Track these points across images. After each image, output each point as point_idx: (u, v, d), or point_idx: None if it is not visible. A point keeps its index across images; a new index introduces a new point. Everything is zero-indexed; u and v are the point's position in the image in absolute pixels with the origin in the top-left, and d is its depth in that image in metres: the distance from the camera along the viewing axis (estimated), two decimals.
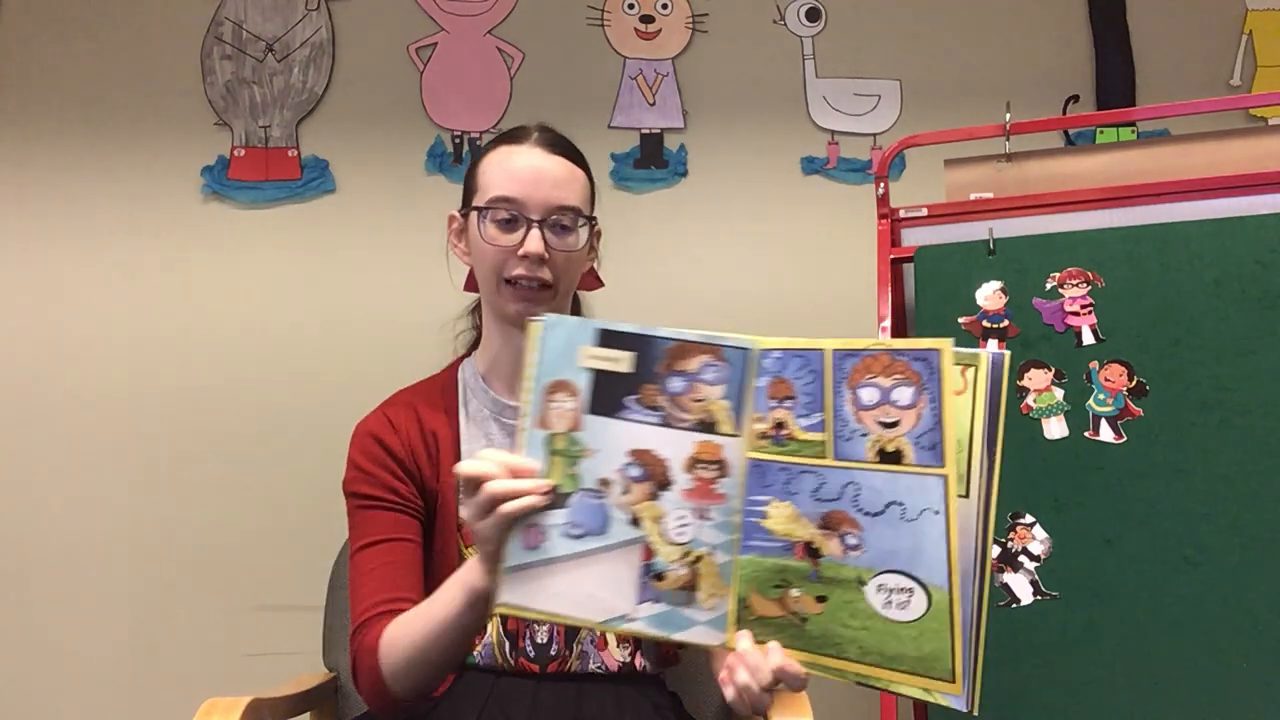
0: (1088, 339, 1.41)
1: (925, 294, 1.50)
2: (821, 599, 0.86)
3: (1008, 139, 1.57)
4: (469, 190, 1.24)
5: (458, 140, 2.00)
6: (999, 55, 2.05)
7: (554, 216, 1.19)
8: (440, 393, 1.28)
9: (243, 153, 1.97)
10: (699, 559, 0.89)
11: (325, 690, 1.45)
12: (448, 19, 2.02)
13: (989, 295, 1.46)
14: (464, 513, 0.92)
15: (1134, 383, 1.38)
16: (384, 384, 1.33)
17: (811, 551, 0.86)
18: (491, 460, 0.91)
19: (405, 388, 1.30)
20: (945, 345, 0.83)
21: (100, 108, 1.97)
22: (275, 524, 1.91)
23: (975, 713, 0.80)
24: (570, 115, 2.00)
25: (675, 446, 0.90)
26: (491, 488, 0.89)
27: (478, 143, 2.00)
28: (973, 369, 0.83)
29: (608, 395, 0.91)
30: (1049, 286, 1.44)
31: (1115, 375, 1.39)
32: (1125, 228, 1.44)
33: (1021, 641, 1.36)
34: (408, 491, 1.20)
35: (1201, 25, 2.05)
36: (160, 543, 1.91)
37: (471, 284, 1.34)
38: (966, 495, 0.82)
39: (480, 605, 0.99)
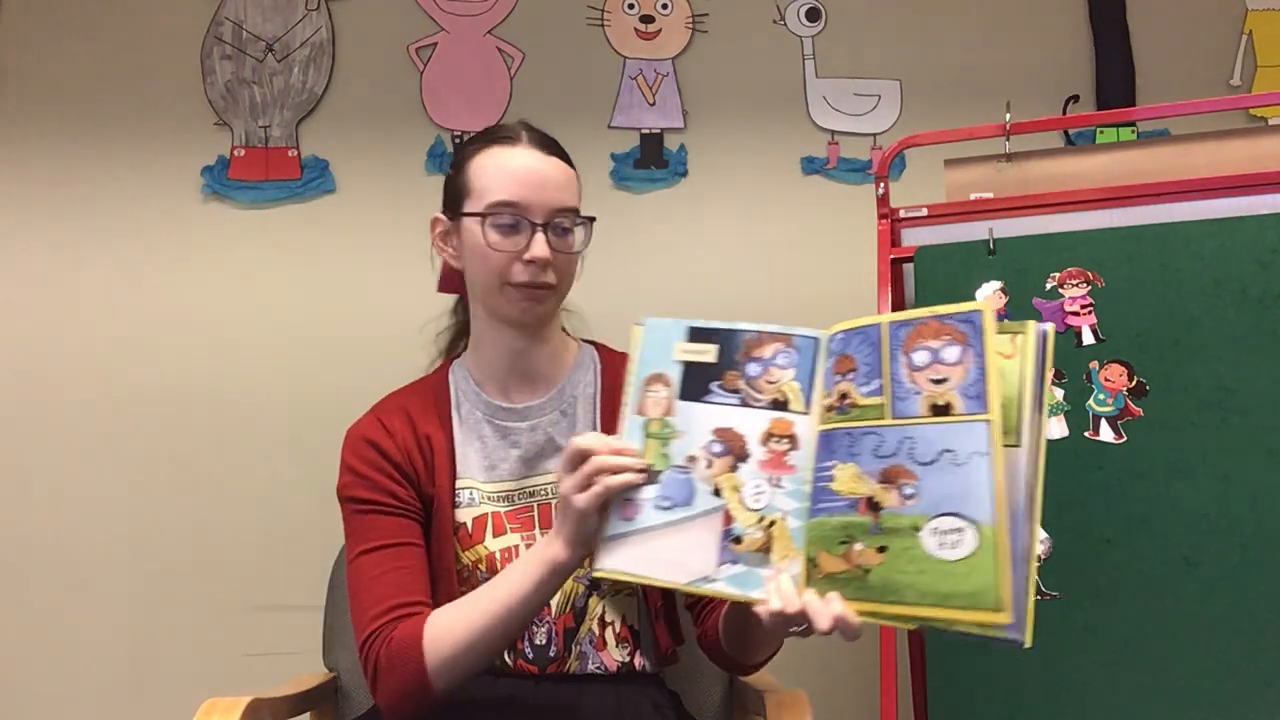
0: (1088, 339, 1.41)
1: (925, 294, 1.50)
2: (882, 549, 0.91)
3: (1008, 139, 1.57)
4: (458, 192, 1.22)
5: (457, 140, 1.99)
6: (999, 55, 2.05)
7: (555, 219, 1.19)
8: (432, 396, 1.27)
9: (243, 153, 1.97)
10: (773, 524, 0.97)
11: (325, 690, 1.45)
12: (448, 19, 2.02)
13: (989, 295, 1.46)
14: (564, 484, 1.00)
15: (1134, 383, 1.38)
16: (384, 383, 1.33)
17: (873, 506, 0.92)
18: (597, 439, 1.01)
19: (395, 391, 1.30)
20: (985, 305, 0.92)
21: (100, 108, 1.97)
22: (275, 524, 1.91)
23: (1029, 644, 0.84)
24: (570, 115, 2.00)
25: (752, 423, 1.00)
26: (599, 461, 0.99)
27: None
28: (1021, 336, 0.91)
29: (695, 382, 1.03)
30: (1049, 286, 1.44)
31: (1115, 375, 1.39)
32: (1125, 228, 1.44)
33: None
34: (407, 495, 1.20)
35: (1201, 25, 2.05)
36: (160, 543, 1.91)
37: (449, 286, 1.33)
38: (1018, 445, 0.89)
39: (559, 579, 1.04)
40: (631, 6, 2.03)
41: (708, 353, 1.04)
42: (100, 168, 1.96)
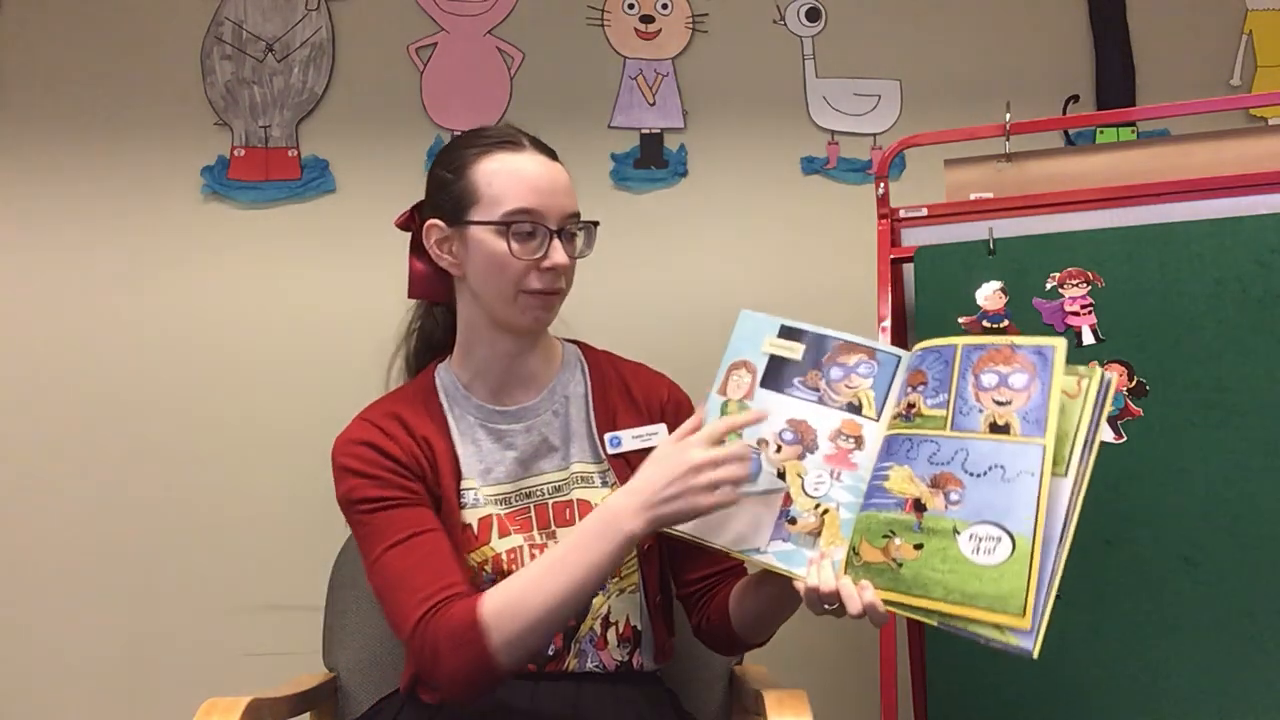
0: (1088, 339, 1.41)
1: (925, 294, 1.50)
2: (919, 546, 0.98)
3: (1008, 139, 1.57)
4: (461, 198, 1.20)
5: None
6: (999, 55, 2.05)
7: (567, 225, 1.20)
8: (421, 401, 1.26)
9: (243, 153, 1.97)
10: (826, 512, 1.07)
11: (325, 690, 1.45)
12: (448, 19, 2.02)
13: (989, 295, 1.46)
14: (681, 484, 1.04)
15: (1134, 383, 1.38)
16: (384, 383, 1.33)
17: (919, 506, 1.00)
18: (705, 449, 1.06)
19: (379, 399, 1.28)
20: (1060, 343, 1.00)
21: (100, 108, 1.97)
22: (276, 524, 1.91)
23: (1036, 655, 0.91)
24: (570, 115, 2.00)
25: (825, 420, 1.10)
26: (727, 471, 1.04)
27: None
28: (1087, 380, 0.99)
29: (779, 375, 1.14)
30: (1049, 286, 1.44)
31: (1115, 375, 1.39)
32: (1125, 228, 1.44)
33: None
34: (419, 488, 1.18)
35: (1201, 25, 2.05)
36: (160, 542, 1.91)
37: (424, 291, 1.30)
38: (1065, 475, 0.95)
39: (629, 547, 1.07)
40: (631, 6, 2.03)
41: (795, 350, 1.15)
42: (100, 167, 1.96)
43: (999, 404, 0.99)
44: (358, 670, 1.47)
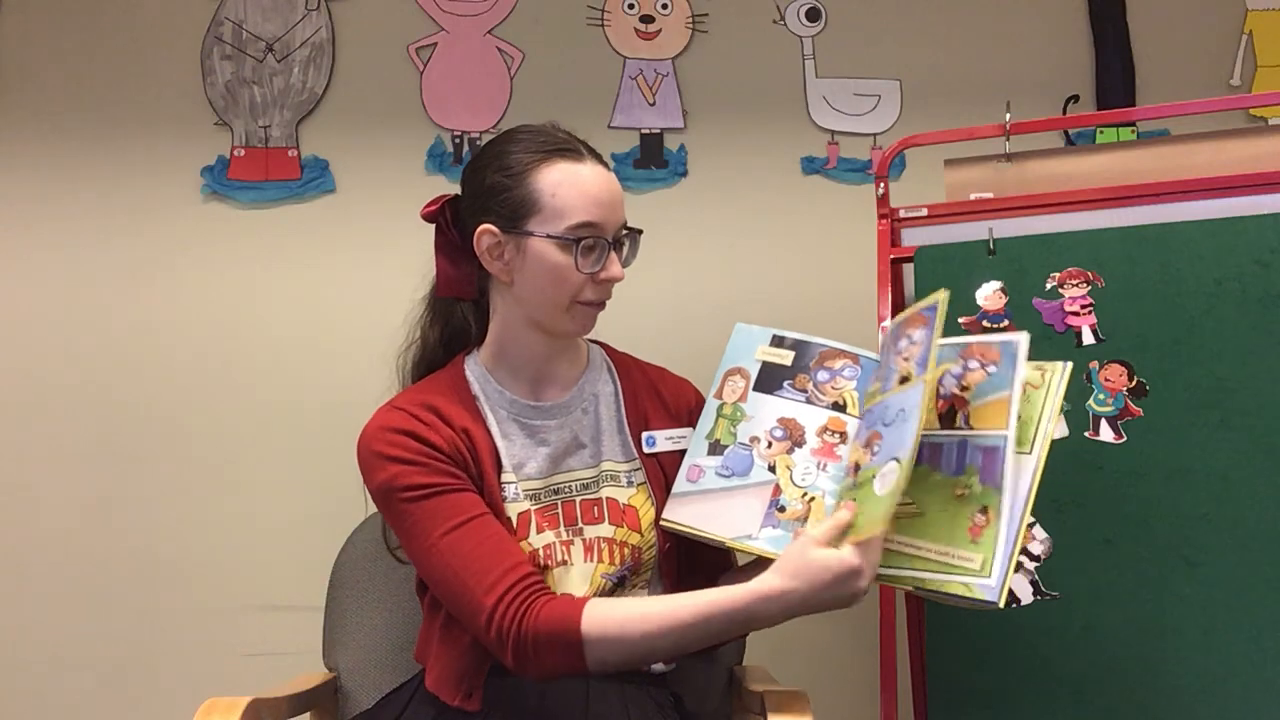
0: (1088, 339, 1.41)
1: (925, 294, 1.49)
2: (853, 500, 1.07)
3: (1008, 139, 1.56)
4: (521, 207, 1.18)
5: (458, 140, 2.00)
6: (999, 55, 2.05)
7: (620, 235, 1.22)
8: (455, 392, 1.24)
9: (243, 153, 1.97)
10: (813, 499, 1.16)
11: (325, 690, 1.45)
12: (448, 19, 2.02)
13: (989, 295, 1.46)
14: (864, 581, 1.05)
15: (1134, 383, 1.38)
16: (384, 383, 1.33)
17: (856, 468, 1.11)
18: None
19: (407, 390, 1.28)
20: (942, 297, 1.11)
21: (100, 107, 1.97)
22: (276, 524, 1.91)
23: (1001, 605, 0.99)
24: (570, 115, 1.97)
25: (812, 418, 1.21)
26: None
27: (478, 143, 1.99)
28: (1049, 372, 1.11)
29: (770, 379, 1.25)
30: (1049, 286, 1.44)
31: (1115, 375, 1.39)
32: (1125, 228, 1.44)
33: (1022, 641, 1.36)
34: (466, 475, 1.17)
35: (1201, 25, 2.05)
36: (161, 542, 1.91)
37: (455, 289, 1.28)
38: (1029, 453, 1.06)
39: (766, 609, 1.06)
40: (631, 6, 2.03)
41: (785, 357, 1.25)
42: (100, 167, 1.96)
43: (905, 360, 1.11)
44: (358, 670, 1.47)
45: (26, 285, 1.95)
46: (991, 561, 1.00)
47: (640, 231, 1.26)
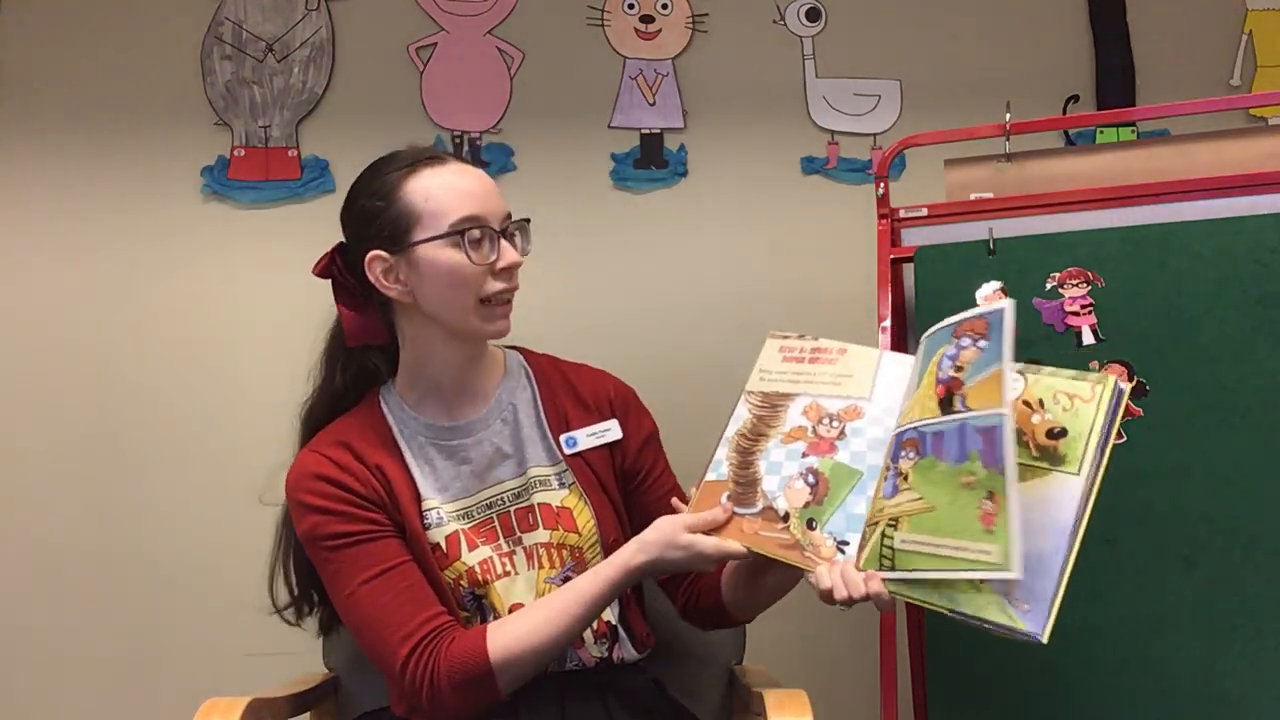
0: (1088, 339, 1.41)
1: (925, 294, 1.50)
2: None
3: (1008, 139, 1.56)
4: (400, 222, 1.17)
5: (458, 140, 2.00)
6: (999, 55, 2.05)
7: (507, 226, 1.21)
8: (369, 427, 1.25)
9: (243, 153, 1.97)
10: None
11: (325, 690, 1.45)
12: (448, 19, 2.02)
13: (989, 295, 1.46)
14: (707, 547, 1.10)
15: (1134, 383, 1.38)
16: (296, 428, 1.34)
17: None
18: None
19: (324, 430, 1.27)
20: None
21: (100, 108, 1.97)
22: (277, 524, 1.91)
23: (1045, 639, 0.97)
24: (570, 115, 2.00)
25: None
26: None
27: (478, 143, 1.99)
28: (1100, 386, 1.02)
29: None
30: (1049, 286, 1.44)
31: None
32: (1125, 228, 1.44)
33: (1022, 641, 1.36)
34: (384, 519, 1.18)
35: (1201, 25, 2.05)
36: (160, 542, 1.91)
37: (364, 335, 1.26)
38: (1077, 474, 0.98)
39: (630, 578, 1.14)
40: (631, 6, 2.03)
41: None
42: (100, 167, 1.96)
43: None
44: (358, 670, 1.47)
45: (26, 285, 1.94)
46: (1009, 552, 0.94)
47: (528, 220, 1.24)
